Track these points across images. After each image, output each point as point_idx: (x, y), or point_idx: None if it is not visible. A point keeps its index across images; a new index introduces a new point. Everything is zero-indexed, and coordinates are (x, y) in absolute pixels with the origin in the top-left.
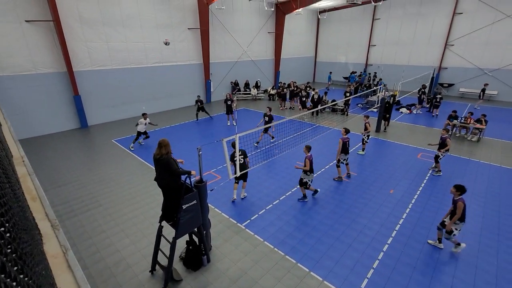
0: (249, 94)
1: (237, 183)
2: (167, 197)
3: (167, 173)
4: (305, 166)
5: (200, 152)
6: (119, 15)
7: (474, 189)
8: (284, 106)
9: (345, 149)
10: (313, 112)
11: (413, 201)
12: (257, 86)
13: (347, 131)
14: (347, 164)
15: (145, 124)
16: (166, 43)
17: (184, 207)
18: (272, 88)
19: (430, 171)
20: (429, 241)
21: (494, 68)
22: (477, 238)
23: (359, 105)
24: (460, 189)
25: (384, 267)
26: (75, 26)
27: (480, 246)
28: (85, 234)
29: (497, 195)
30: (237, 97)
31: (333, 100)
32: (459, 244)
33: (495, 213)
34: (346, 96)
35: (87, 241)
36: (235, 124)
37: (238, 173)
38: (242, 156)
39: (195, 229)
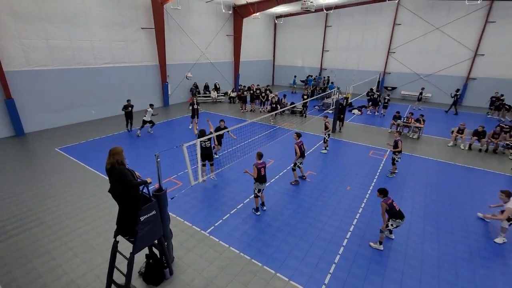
0: (209, 96)
1: (204, 165)
2: (123, 209)
3: (122, 185)
4: (252, 173)
5: (159, 159)
6: (61, 11)
7: (416, 181)
8: (245, 109)
9: (301, 153)
10: (273, 114)
11: (367, 196)
12: (216, 89)
13: (298, 135)
14: (300, 167)
15: (152, 114)
16: (187, 77)
17: (142, 218)
18: (232, 91)
19: (388, 174)
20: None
21: (428, 73)
22: (421, 226)
23: (316, 107)
24: (382, 192)
25: (345, 261)
26: (6, 21)
27: (424, 233)
28: (24, 257)
29: (435, 186)
30: (196, 99)
31: (292, 103)
32: (380, 243)
33: (434, 202)
34: (304, 99)
35: (27, 265)
36: (197, 129)
37: (200, 166)
38: (208, 141)
39: (155, 241)
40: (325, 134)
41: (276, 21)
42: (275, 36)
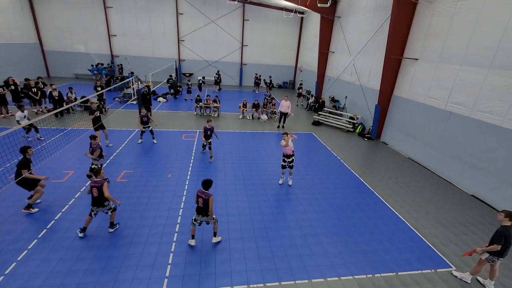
0: None
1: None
2: None
3: None
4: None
5: None
6: None
7: (224, 152)
8: (8, 113)
9: (100, 154)
10: (56, 114)
11: (188, 177)
12: None
13: (93, 137)
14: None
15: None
16: None
17: None
18: None
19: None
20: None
21: (214, 60)
22: (233, 187)
23: (116, 99)
24: (205, 184)
25: (180, 245)
26: None
27: (236, 191)
28: None
29: (239, 152)
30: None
31: (83, 97)
32: (192, 237)
33: (240, 165)
34: (97, 91)
35: None
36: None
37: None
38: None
39: None
40: (144, 128)
41: None
42: (33, 12)
